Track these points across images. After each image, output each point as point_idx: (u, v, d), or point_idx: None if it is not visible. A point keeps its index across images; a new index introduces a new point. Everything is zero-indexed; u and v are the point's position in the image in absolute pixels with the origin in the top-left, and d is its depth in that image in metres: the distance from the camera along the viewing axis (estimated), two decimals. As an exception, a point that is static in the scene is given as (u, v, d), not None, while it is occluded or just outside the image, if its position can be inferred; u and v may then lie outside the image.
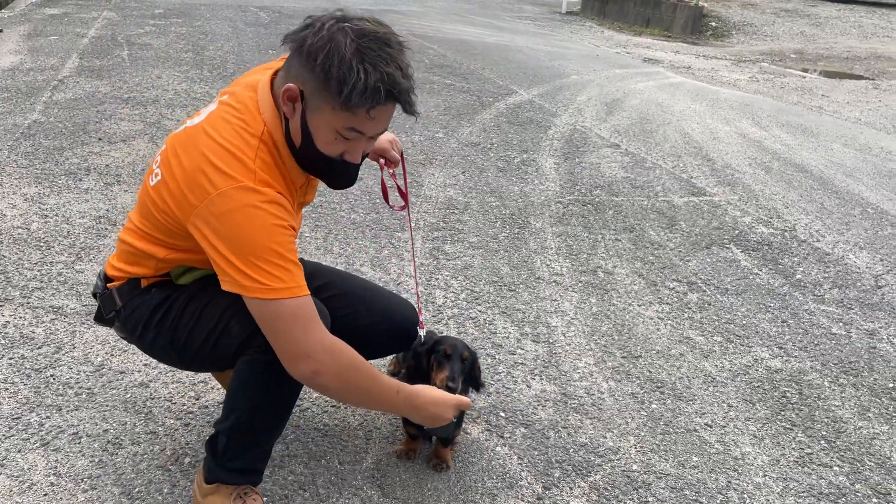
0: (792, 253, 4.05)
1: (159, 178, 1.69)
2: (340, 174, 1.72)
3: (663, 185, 4.96)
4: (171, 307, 1.79)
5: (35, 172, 4.05)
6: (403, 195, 2.22)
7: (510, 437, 2.38)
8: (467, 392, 2.17)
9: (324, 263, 2.38)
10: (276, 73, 1.69)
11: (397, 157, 2.16)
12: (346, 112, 1.55)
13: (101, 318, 1.92)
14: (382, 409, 2.18)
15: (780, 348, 3.08)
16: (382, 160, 2.17)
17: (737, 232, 4.27)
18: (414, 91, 1.60)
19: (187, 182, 1.60)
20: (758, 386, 2.80)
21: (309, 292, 1.65)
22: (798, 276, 3.77)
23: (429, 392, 1.88)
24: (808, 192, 5.06)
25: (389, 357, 2.57)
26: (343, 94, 1.51)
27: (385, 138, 2.14)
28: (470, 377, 2.14)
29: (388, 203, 2.28)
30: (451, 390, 1.97)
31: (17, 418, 2.23)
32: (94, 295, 1.93)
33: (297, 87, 1.57)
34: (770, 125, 6.90)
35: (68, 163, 4.24)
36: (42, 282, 2.99)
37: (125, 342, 2.11)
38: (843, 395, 2.79)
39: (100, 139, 4.66)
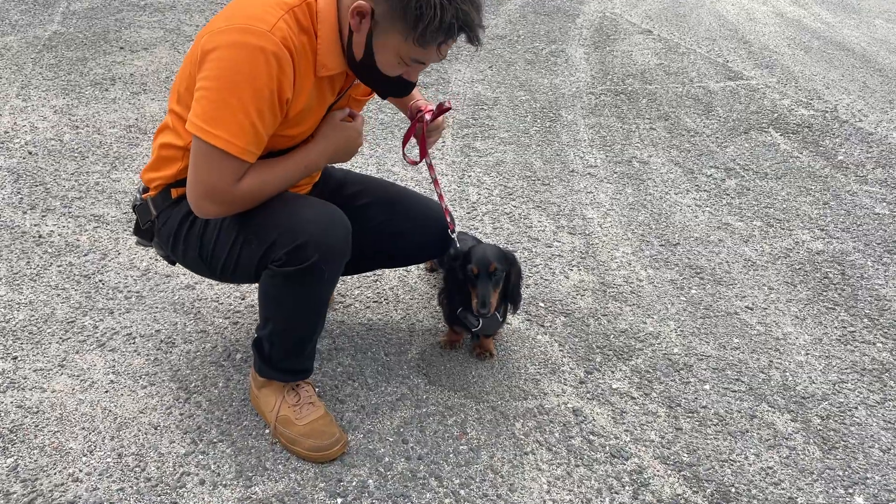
0: (833, 134, 3.93)
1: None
2: (396, 89, 1.71)
3: (698, 70, 4.79)
4: (198, 218, 1.74)
5: (61, 84, 4.03)
6: (423, 152, 2.11)
7: (551, 326, 2.41)
8: (506, 308, 2.13)
9: (354, 171, 2.34)
10: None
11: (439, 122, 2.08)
12: (417, 46, 1.54)
13: (139, 231, 1.92)
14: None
15: (822, 230, 3.03)
16: (428, 114, 2.05)
17: (776, 115, 4.14)
18: (483, 24, 1.58)
19: (200, 36, 1.56)
20: (799, 268, 2.78)
21: (252, 160, 1.58)
22: (840, 158, 3.68)
23: (321, 133, 1.77)
24: (849, 71, 4.86)
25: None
26: (419, 29, 1.50)
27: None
28: (504, 293, 2.04)
29: (403, 149, 2.17)
30: (483, 316, 1.98)
31: (71, 322, 2.30)
32: (133, 208, 1.93)
33: (368, 5, 1.52)
34: (809, 2, 6.57)
35: (93, 73, 4.20)
36: (80, 191, 3.02)
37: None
38: (886, 274, 2.76)
39: (121, 48, 4.59)
